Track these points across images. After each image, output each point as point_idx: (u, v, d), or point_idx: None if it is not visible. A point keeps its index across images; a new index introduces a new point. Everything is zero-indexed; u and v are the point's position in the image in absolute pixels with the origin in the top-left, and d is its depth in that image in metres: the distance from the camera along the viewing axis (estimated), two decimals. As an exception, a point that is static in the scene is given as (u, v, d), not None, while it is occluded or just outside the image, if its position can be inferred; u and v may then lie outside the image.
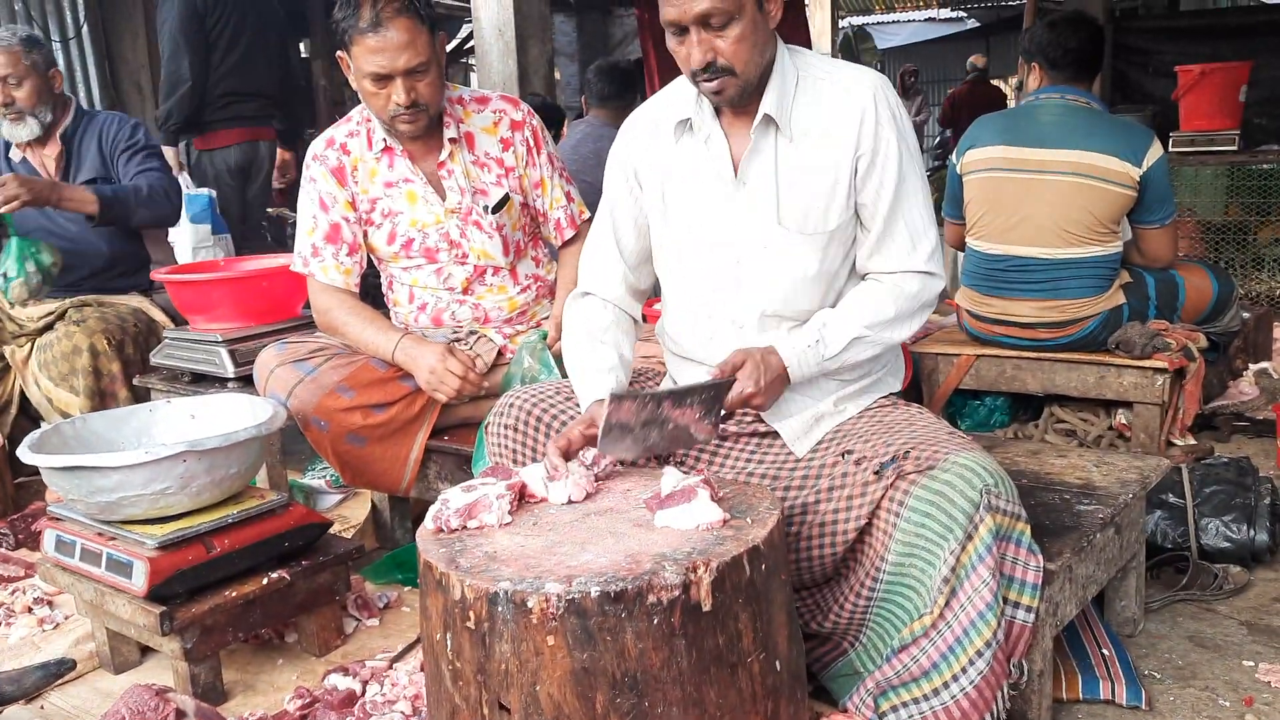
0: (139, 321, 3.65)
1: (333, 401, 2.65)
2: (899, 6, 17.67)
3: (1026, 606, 1.83)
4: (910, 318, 2.03)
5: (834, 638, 2.01)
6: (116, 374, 3.51)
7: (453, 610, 1.54)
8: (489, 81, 5.22)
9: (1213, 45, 7.87)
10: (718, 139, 2.02)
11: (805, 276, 2.01)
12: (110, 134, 3.75)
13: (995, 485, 1.78)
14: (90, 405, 3.43)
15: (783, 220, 1.99)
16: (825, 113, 1.98)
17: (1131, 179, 3.17)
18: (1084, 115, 3.27)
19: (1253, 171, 5.38)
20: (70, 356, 3.45)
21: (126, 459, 2.13)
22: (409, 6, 2.45)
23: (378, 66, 2.47)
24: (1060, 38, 3.31)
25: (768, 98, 1.95)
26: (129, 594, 2.21)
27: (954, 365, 3.59)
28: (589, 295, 2.22)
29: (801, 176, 1.98)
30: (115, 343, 3.51)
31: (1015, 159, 3.29)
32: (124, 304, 3.71)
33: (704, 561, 1.50)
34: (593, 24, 12.75)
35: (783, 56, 1.99)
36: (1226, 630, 2.40)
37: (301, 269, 2.78)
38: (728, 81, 1.90)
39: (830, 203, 1.98)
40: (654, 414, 1.80)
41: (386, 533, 3.17)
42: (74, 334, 3.47)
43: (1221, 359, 3.81)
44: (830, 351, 1.97)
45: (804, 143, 1.98)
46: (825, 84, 1.99)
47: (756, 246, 2.01)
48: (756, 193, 2.00)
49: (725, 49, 1.87)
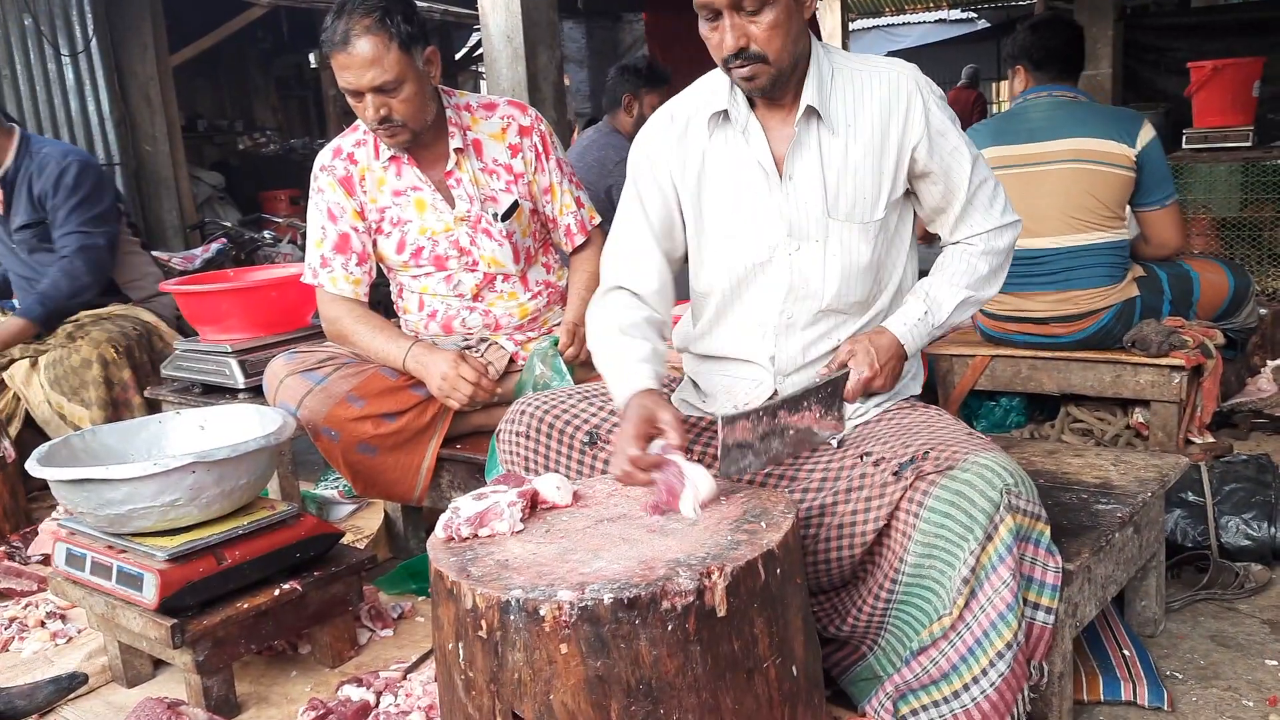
0: (137, 327, 3.66)
1: (343, 411, 2.64)
2: (909, 8, 17.63)
3: (1046, 608, 1.80)
4: (1000, 270, 2.10)
5: (852, 641, 1.99)
6: (128, 381, 3.52)
7: (465, 619, 1.52)
8: (498, 88, 5.21)
9: (1225, 41, 7.84)
10: (756, 131, 1.99)
11: (860, 267, 2.01)
12: (47, 177, 3.62)
13: (1016, 485, 1.76)
14: (104, 416, 3.44)
15: (833, 212, 1.97)
16: (869, 103, 1.97)
17: (1128, 159, 3.19)
18: (1072, 106, 3.31)
19: (1267, 167, 5.33)
20: (80, 370, 3.46)
21: (135, 471, 2.12)
22: (379, 23, 2.44)
23: (346, 82, 2.49)
24: (1042, 39, 3.37)
25: (808, 89, 1.94)
26: (140, 607, 2.20)
27: (969, 366, 3.57)
28: (618, 289, 2.10)
29: (849, 167, 1.97)
30: (122, 349, 3.52)
31: (1011, 156, 3.31)
32: (117, 313, 3.72)
33: (718, 567, 1.48)
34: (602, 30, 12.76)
35: (817, 50, 1.97)
36: (1249, 629, 2.37)
37: (311, 280, 2.78)
38: (760, 69, 1.87)
39: (879, 192, 1.98)
40: (771, 425, 1.78)
41: (400, 543, 3.16)
42: (81, 347, 3.48)
43: (1239, 356, 3.78)
44: (940, 318, 2.03)
45: (848, 134, 1.96)
46: (864, 76, 1.98)
47: (809, 240, 1.99)
48: (803, 185, 1.97)
49: (759, 35, 1.84)
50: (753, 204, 2.00)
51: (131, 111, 7.86)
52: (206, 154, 10.04)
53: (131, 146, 7.88)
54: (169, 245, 7.69)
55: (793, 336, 2.04)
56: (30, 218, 3.66)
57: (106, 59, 7.63)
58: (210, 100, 10.52)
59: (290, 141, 10.85)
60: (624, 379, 1.91)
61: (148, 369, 3.58)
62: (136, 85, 7.86)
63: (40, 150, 3.69)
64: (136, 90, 7.86)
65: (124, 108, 7.78)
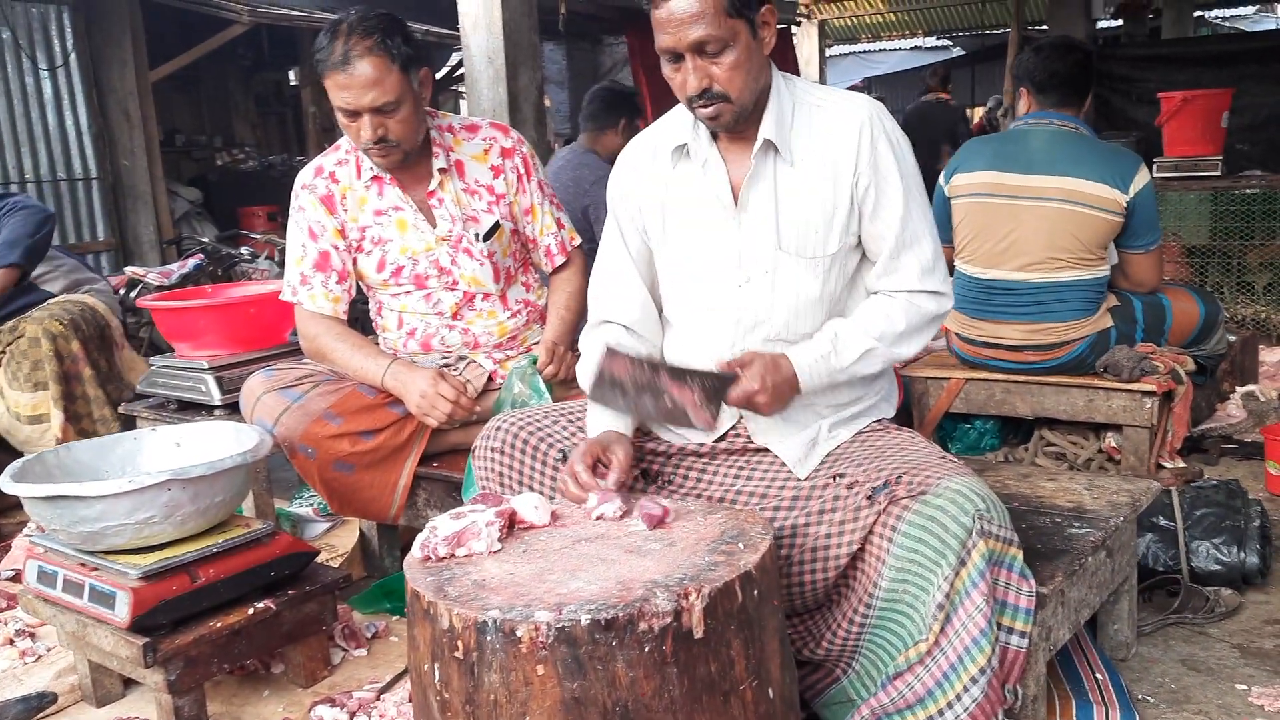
0: (77, 306, 3.69)
1: (320, 429, 2.63)
2: (885, 35, 17.83)
3: (1020, 632, 1.81)
4: (920, 332, 2.02)
5: (826, 664, 1.99)
6: (77, 353, 3.54)
7: (441, 640, 1.52)
8: (479, 108, 5.24)
9: (1194, 72, 7.96)
10: (715, 163, 2.02)
11: (808, 301, 2.01)
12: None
13: (987, 510, 1.77)
14: (61, 389, 3.43)
15: (783, 245, 1.99)
16: (823, 138, 1.98)
17: (1119, 205, 3.19)
18: (1072, 141, 3.28)
19: (1236, 196, 5.43)
20: (30, 351, 3.48)
21: (110, 488, 2.11)
22: (379, 45, 2.46)
23: (344, 102, 2.50)
24: (1046, 62, 3.34)
25: (766, 123, 1.96)
26: (112, 625, 2.18)
27: (944, 389, 3.59)
28: (605, 323, 2.19)
29: (801, 201, 1.98)
30: (67, 322, 3.54)
31: (1004, 185, 3.31)
32: (54, 302, 3.72)
33: (696, 588, 1.49)
34: (582, 52, 12.84)
35: (778, 83, 2.00)
36: (1219, 653, 2.39)
37: (290, 298, 2.77)
38: (723, 107, 1.91)
39: (830, 227, 1.99)
40: (651, 381, 1.79)
41: (375, 561, 3.14)
42: (26, 328, 3.52)
43: (1209, 382, 3.82)
44: (842, 363, 1.95)
45: (803, 167, 1.98)
46: (821, 110, 2.00)
47: (758, 271, 2.01)
48: (756, 217, 2.00)
49: (720, 75, 1.88)
50: (708, 235, 2.04)
51: (110, 126, 7.83)
52: (185, 169, 9.99)
53: (109, 161, 7.85)
54: (146, 260, 7.65)
55: None
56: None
57: (85, 74, 7.61)
58: (189, 116, 10.47)
59: (269, 158, 10.81)
60: (601, 417, 2.02)
61: (96, 342, 3.61)
62: (115, 100, 7.83)
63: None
64: (115, 105, 7.83)
65: (102, 122, 7.75)
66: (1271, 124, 7.50)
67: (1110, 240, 3.29)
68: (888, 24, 16.82)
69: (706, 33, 1.83)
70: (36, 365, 3.48)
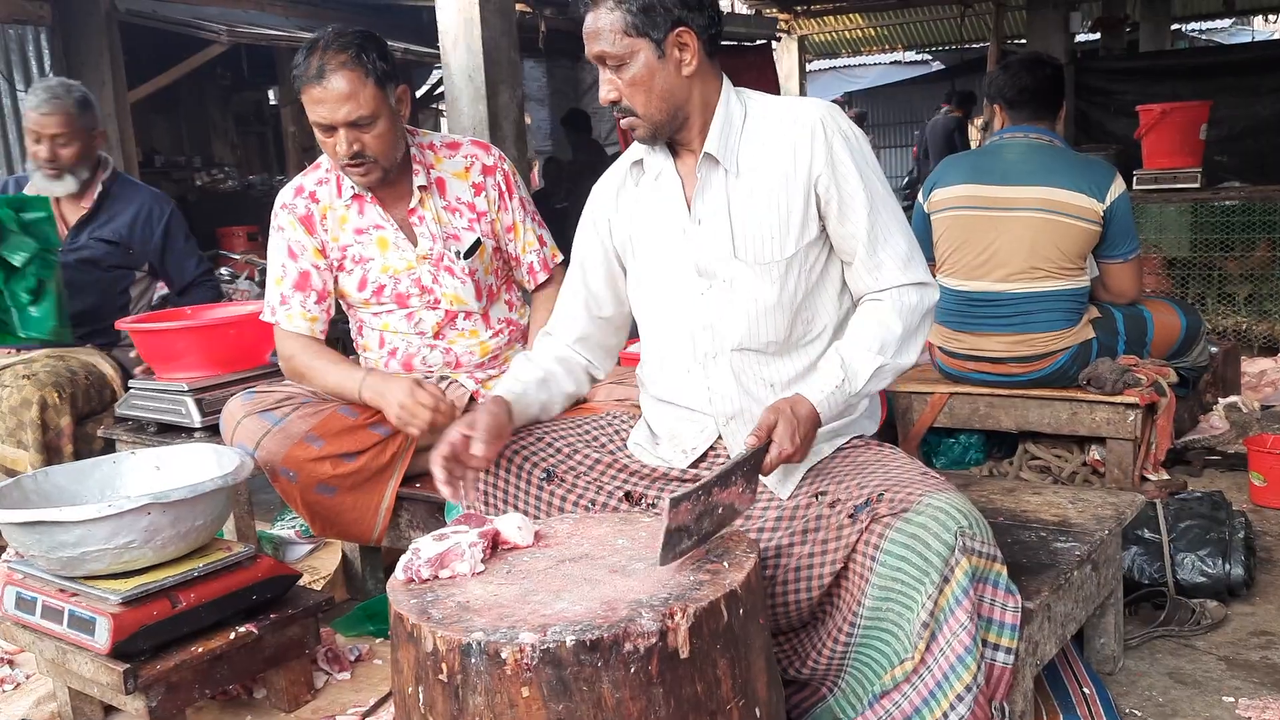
0: (89, 375, 3.60)
1: (301, 451, 2.61)
2: (865, 50, 17.92)
3: (1006, 648, 1.81)
4: (916, 332, 2.02)
5: (813, 683, 1.98)
6: (64, 429, 3.45)
7: (425, 662, 1.51)
8: (459, 126, 5.24)
9: (1172, 85, 8.04)
10: (669, 177, 2.08)
11: (766, 307, 2.02)
12: (154, 214, 3.90)
13: (969, 527, 1.77)
14: (41, 459, 3.37)
15: (738, 253, 2.01)
16: (774, 143, 2.01)
17: (1096, 214, 3.22)
18: (1047, 153, 3.32)
19: (1215, 208, 5.47)
20: (19, 410, 3.39)
21: (89, 513, 2.09)
22: (354, 59, 2.47)
23: (320, 116, 2.50)
24: (1015, 78, 3.39)
25: (710, 137, 2.01)
26: (92, 651, 2.15)
27: (928, 403, 3.60)
28: (548, 336, 2.30)
29: (754, 207, 2.00)
30: (66, 395, 3.46)
31: (982, 197, 3.33)
32: (75, 357, 3.65)
33: (681, 607, 1.48)
34: (562, 70, 12.86)
35: (728, 99, 2.04)
36: (1205, 666, 2.39)
37: (270, 318, 2.76)
38: (634, 121, 2.00)
39: (785, 231, 2.00)
40: (706, 504, 1.73)
41: (358, 584, 3.12)
42: (24, 387, 3.41)
43: (1192, 394, 3.84)
44: (856, 388, 1.96)
45: (751, 176, 2.01)
46: (771, 118, 2.03)
47: (717, 281, 2.03)
48: (710, 227, 2.03)
49: (625, 90, 1.97)
50: (666, 247, 2.08)
51: (88, 147, 7.77)
52: (164, 190, 9.93)
53: (88, 182, 7.79)
54: (125, 281, 7.59)
55: (719, 377, 2.05)
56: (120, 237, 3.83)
57: (64, 94, 7.56)
58: (168, 136, 10.44)
59: (249, 178, 10.78)
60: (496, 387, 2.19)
61: (88, 409, 3.54)
62: (94, 121, 7.79)
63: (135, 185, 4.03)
64: (94, 126, 7.79)
65: (80, 143, 7.70)
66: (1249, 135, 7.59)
67: (1090, 250, 3.31)
68: (867, 39, 16.91)
69: (602, 49, 1.95)
70: (21, 425, 3.42)
